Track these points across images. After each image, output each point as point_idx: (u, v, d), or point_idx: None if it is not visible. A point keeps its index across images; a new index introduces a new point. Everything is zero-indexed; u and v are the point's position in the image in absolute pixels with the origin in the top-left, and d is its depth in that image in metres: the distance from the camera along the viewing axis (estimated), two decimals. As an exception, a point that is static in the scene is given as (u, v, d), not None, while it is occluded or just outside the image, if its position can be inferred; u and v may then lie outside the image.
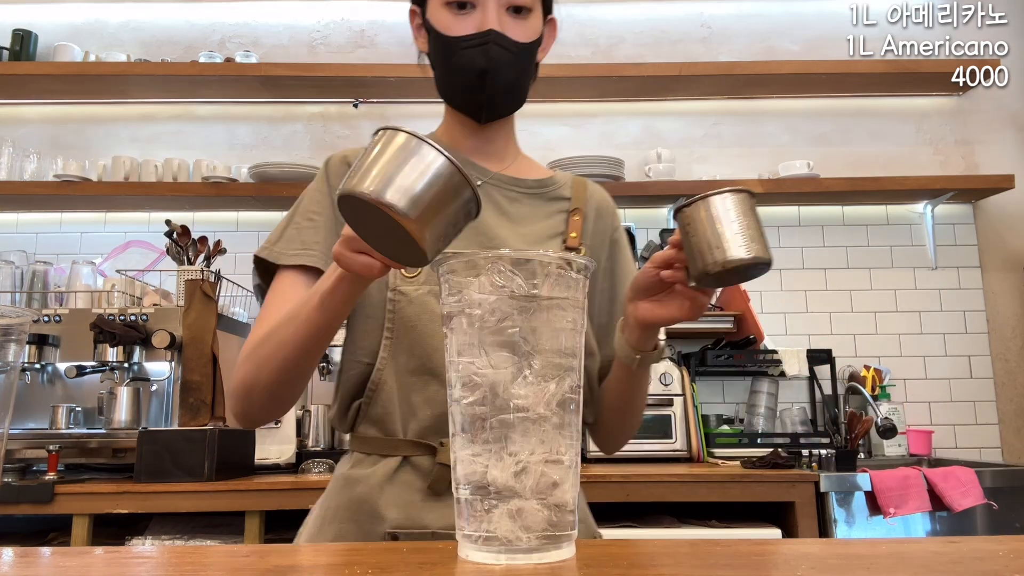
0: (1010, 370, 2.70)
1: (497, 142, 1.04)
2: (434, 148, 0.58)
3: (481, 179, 1.00)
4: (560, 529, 0.54)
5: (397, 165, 0.58)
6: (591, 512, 1.01)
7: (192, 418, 2.01)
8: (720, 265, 0.69)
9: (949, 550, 0.55)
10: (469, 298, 0.55)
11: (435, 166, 0.58)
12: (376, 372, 0.91)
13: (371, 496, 0.88)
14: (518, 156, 1.08)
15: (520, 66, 0.96)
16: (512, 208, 1.01)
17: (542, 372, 0.54)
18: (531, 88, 1.02)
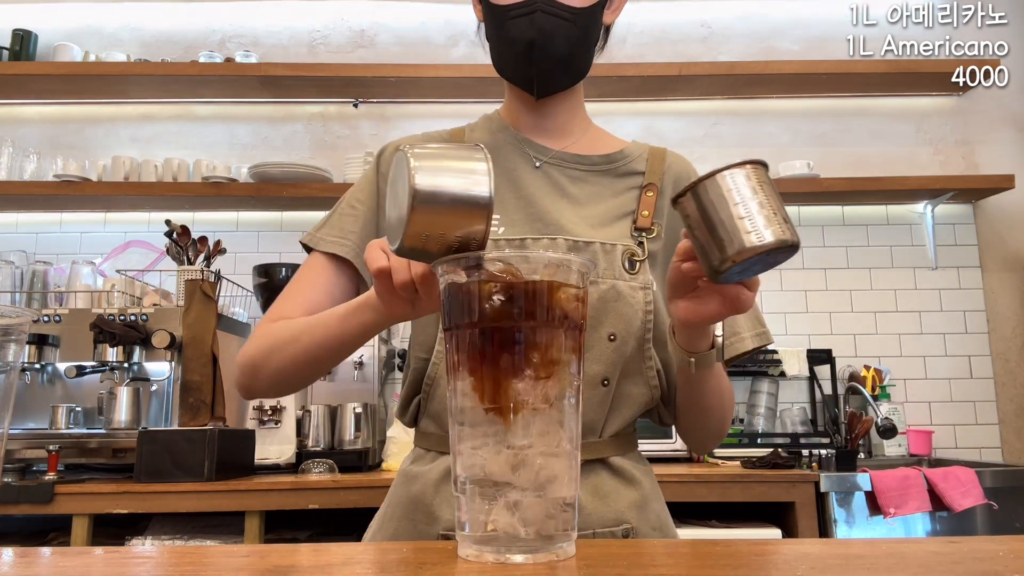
0: (1010, 370, 2.70)
1: (558, 117, 0.96)
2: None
3: (540, 159, 0.94)
4: (560, 525, 0.53)
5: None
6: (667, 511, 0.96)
7: (192, 418, 2.01)
8: (730, 261, 0.59)
9: (949, 550, 0.55)
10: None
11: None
12: (432, 367, 0.88)
13: (427, 495, 0.86)
14: (587, 131, 0.99)
15: (576, 34, 0.87)
16: (575, 188, 0.94)
17: (541, 365, 0.54)
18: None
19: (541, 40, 0.85)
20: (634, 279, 0.88)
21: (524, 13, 0.85)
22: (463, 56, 2.83)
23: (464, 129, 1.00)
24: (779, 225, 0.59)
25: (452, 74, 2.61)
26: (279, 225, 2.79)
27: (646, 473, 0.92)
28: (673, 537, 0.94)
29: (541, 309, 0.54)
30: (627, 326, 0.87)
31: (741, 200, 0.60)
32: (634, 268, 0.89)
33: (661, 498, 0.94)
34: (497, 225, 0.90)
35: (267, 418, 2.14)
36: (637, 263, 0.89)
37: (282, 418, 2.15)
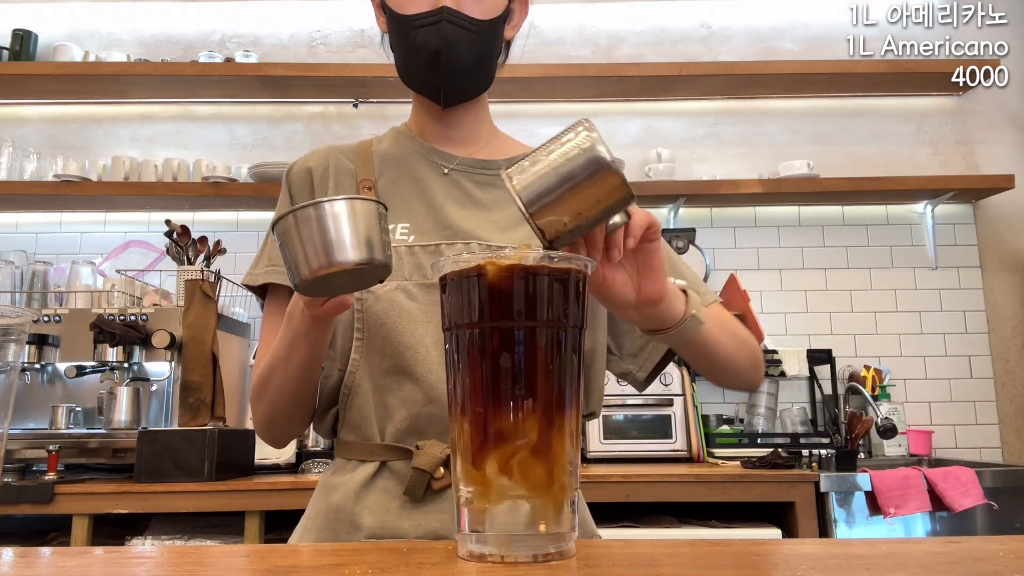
0: (1010, 370, 2.70)
1: (464, 127, 0.98)
2: (316, 202, 0.64)
3: (447, 167, 0.95)
4: (558, 527, 0.54)
5: (320, 233, 0.64)
6: (590, 512, 0.97)
7: (192, 418, 2.01)
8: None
9: (949, 550, 0.55)
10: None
11: (334, 209, 0.64)
12: (349, 375, 0.88)
13: (347, 504, 0.85)
14: (493, 139, 1.00)
15: (480, 45, 0.89)
16: (482, 193, 0.95)
17: (542, 364, 0.54)
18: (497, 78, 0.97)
19: (447, 49, 0.87)
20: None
21: (430, 23, 0.87)
22: (463, 56, 2.83)
23: (372, 141, 1.01)
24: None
25: (452, 74, 2.60)
26: (279, 225, 2.79)
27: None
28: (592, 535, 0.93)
29: (542, 306, 0.54)
30: None
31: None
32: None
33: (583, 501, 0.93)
34: (408, 233, 0.91)
35: (267, 418, 2.14)
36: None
37: (282, 418, 2.15)
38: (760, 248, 2.78)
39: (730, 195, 2.64)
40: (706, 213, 2.80)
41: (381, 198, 0.92)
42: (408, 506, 0.83)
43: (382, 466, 0.86)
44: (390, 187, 0.95)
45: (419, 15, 0.87)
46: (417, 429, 0.85)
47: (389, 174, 0.96)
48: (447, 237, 0.90)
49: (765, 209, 2.80)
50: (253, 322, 2.63)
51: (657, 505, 2.05)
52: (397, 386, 0.86)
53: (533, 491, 0.53)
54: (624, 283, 0.69)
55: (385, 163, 0.97)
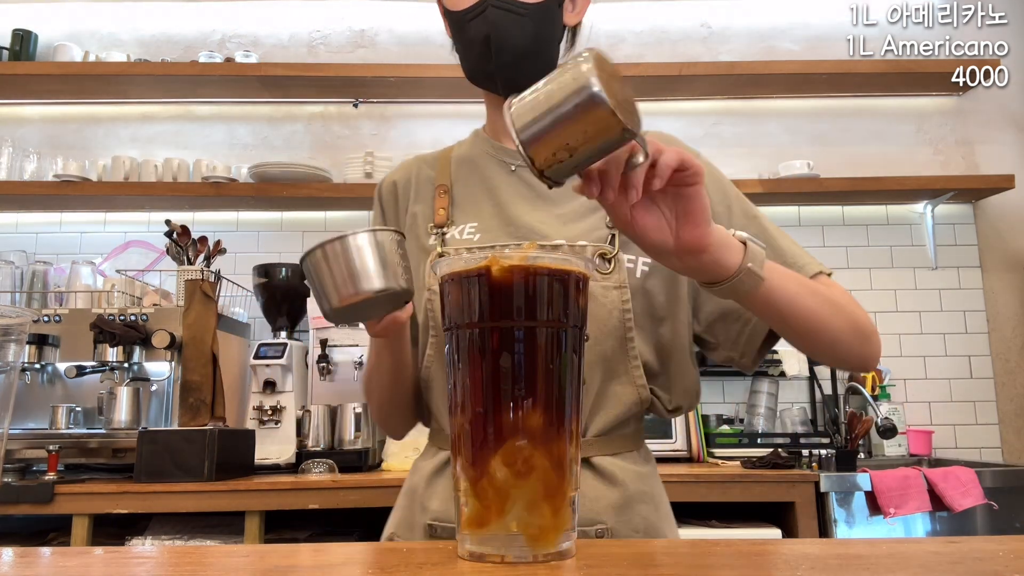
0: (1010, 370, 2.70)
1: None
2: (340, 237, 0.72)
3: (515, 163, 0.97)
4: (560, 527, 0.53)
5: (345, 265, 0.71)
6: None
7: (192, 418, 2.01)
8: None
9: (949, 550, 0.55)
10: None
11: (357, 241, 0.72)
12: (424, 370, 0.94)
13: (420, 486, 0.91)
14: None
15: (531, 28, 0.89)
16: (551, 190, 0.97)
17: (542, 365, 0.54)
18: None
19: (496, 34, 0.88)
20: (607, 278, 0.87)
21: (478, 13, 0.88)
22: (463, 56, 2.83)
23: (454, 146, 1.05)
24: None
25: (452, 74, 2.59)
26: (279, 225, 2.79)
27: (637, 475, 0.89)
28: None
29: (542, 306, 0.54)
30: (601, 326, 0.86)
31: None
32: (608, 267, 0.88)
33: (655, 500, 0.91)
34: (474, 232, 0.93)
35: (267, 418, 2.14)
36: (610, 260, 0.88)
37: (282, 418, 2.15)
38: (760, 248, 2.77)
39: (730, 195, 2.63)
40: (706, 213, 2.79)
41: (455, 201, 0.98)
42: None
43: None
44: (463, 190, 0.99)
45: (469, 8, 0.89)
46: None
47: (463, 177, 0.99)
48: (511, 234, 0.91)
49: (765, 209, 2.77)
50: (253, 322, 2.63)
51: (657, 505, 2.04)
52: None
53: (533, 491, 0.53)
54: (658, 227, 0.65)
55: (460, 166, 1.01)
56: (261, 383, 2.18)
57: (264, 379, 2.18)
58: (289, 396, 2.18)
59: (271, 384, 2.18)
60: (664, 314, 0.90)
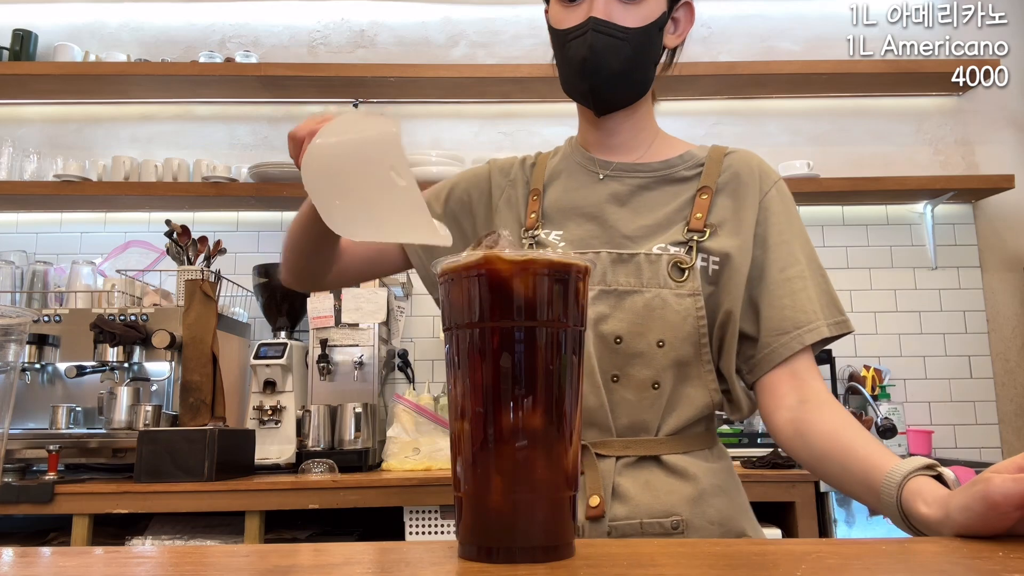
0: (1010, 370, 2.70)
1: (621, 134, 1.02)
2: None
3: (602, 173, 1.00)
4: (560, 527, 0.53)
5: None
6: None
7: (192, 418, 2.01)
8: None
9: (949, 550, 0.55)
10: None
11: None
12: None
13: None
14: (654, 142, 1.04)
15: (628, 52, 0.93)
16: (635, 198, 0.98)
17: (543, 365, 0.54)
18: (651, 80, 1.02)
19: (593, 58, 0.91)
20: (681, 287, 0.91)
21: (579, 34, 0.92)
22: (463, 56, 2.83)
23: (548, 156, 1.08)
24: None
25: (452, 74, 2.61)
26: (279, 225, 2.79)
27: (709, 471, 0.93)
28: (741, 534, 0.96)
29: (542, 306, 0.54)
30: (675, 332, 0.90)
31: None
32: (681, 276, 0.92)
33: (729, 494, 0.95)
34: (559, 240, 0.97)
35: (267, 418, 2.14)
36: (685, 270, 0.92)
37: (282, 418, 2.15)
38: (760, 248, 2.77)
39: (730, 195, 2.63)
40: (706, 213, 2.80)
41: (545, 209, 1.02)
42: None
43: None
44: (553, 197, 1.02)
45: (571, 28, 0.93)
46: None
47: (553, 182, 1.03)
48: (592, 246, 0.95)
49: (765, 209, 2.79)
50: (253, 322, 2.64)
51: (657, 505, 2.04)
52: None
53: (533, 491, 0.53)
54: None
55: (552, 175, 1.04)
56: (261, 383, 2.18)
57: (264, 379, 2.18)
58: (289, 396, 2.18)
59: (271, 384, 2.18)
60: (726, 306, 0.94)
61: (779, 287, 0.94)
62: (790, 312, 0.92)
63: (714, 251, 0.94)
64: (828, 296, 0.96)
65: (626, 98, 0.99)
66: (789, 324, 0.92)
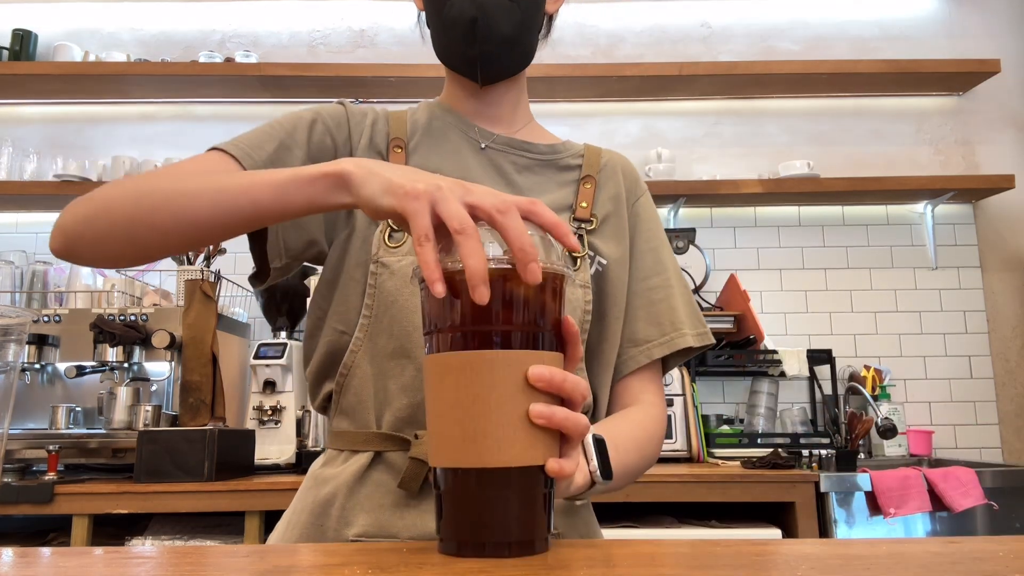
0: (1010, 370, 2.70)
1: (503, 106, 0.93)
2: None
3: (484, 142, 0.90)
4: (533, 524, 0.54)
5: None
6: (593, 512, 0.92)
7: (192, 418, 2.01)
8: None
9: (949, 550, 0.55)
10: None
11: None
12: (350, 355, 0.81)
13: (338, 498, 0.79)
14: (529, 122, 0.96)
15: (518, 16, 0.84)
16: (520, 177, 0.90)
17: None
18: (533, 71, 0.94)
19: (484, 18, 0.82)
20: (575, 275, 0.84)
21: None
22: (463, 56, 2.83)
23: (407, 112, 0.95)
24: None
25: (452, 74, 2.61)
26: (279, 225, 2.79)
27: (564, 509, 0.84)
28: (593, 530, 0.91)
29: (518, 310, 0.53)
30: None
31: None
32: (574, 265, 0.85)
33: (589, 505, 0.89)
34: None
35: (267, 418, 2.14)
36: (577, 259, 0.85)
37: (282, 418, 2.15)
38: (760, 248, 2.78)
39: (730, 195, 2.64)
40: (706, 213, 2.80)
41: (412, 163, 0.87)
42: (403, 503, 0.77)
43: (377, 457, 0.80)
44: (423, 154, 0.89)
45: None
46: (417, 418, 0.78)
47: (421, 140, 0.90)
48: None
49: (765, 209, 2.80)
50: (253, 322, 2.63)
51: (657, 505, 2.05)
52: (399, 370, 0.79)
53: (507, 488, 0.53)
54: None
55: (417, 131, 0.91)
56: (261, 383, 2.18)
57: (264, 379, 2.18)
58: (289, 396, 2.18)
59: (271, 384, 2.18)
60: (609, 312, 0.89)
61: (637, 297, 0.90)
62: (642, 324, 0.89)
63: (601, 251, 0.89)
64: (692, 307, 0.92)
65: (515, 67, 0.89)
66: (641, 336, 0.88)
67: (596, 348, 0.89)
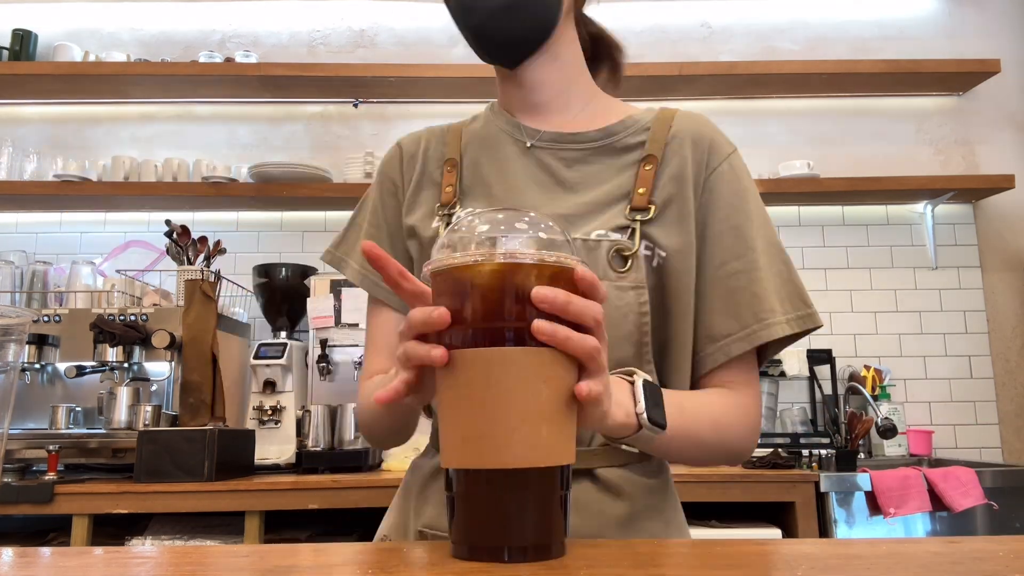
0: (1010, 370, 2.70)
1: (544, 90, 0.85)
2: None
3: (530, 141, 0.85)
4: (550, 528, 0.53)
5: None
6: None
7: (192, 418, 2.01)
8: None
9: (949, 550, 0.55)
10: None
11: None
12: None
13: (415, 488, 0.84)
14: (590, 103, 0.87)
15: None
16: (570, 172, 0.83)
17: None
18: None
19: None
20: (623, 278, 0.77)
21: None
22: (463, 56, 2.83)
23: (463, 124, 0.93)
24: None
25: (452, 74, 2.61)
26: (279, 225, 2.79)
27: (646, 488, 0.81)
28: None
29: (531, 306, 0.52)
30: (615, 330, 0.75)
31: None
32: (624, 265, 0.78)
33: (665, 516, 0.82)
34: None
35: (267, 418, 2.14)
36: (627, 258, 0.78)
37: (282, 418, 2.15)
38: (760, 248, 2.77)
39: (730, 195, 2.63)
40: (706, 213, 2.80)
41: (463, 180, 0.86)
42: None
43: None
44: (473, 168, 0.86)
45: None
46: None
47: (472, 154, 0.87)
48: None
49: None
50: (253, 322, 2.64)
51: (657, 505, 2.04)
52: None
53: (524, 490, 0.52)
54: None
55: (470, 142, 0.88)
56: (261, 383, 2.18)
57: (264, 379, 2.18)
58: (289, 396, 2.18)
59: (271, 384, 2.18)
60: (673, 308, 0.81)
61: (713, 287, 0.80)
62: (720, 318, 0.79)
63: (660, 242, 0.79)
64: (788, 287, 0.80)
65: (523, 36, 0.80)
66: (718, 331, 0.79)
67: (664, 350, 0.82)
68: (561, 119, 0.86)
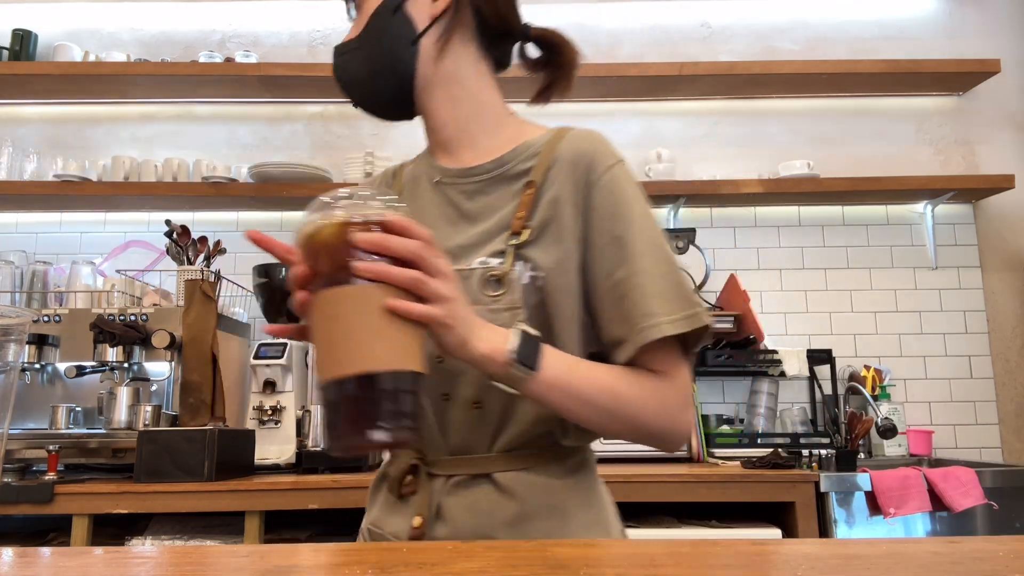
0: (1010, 370, 2.70)
1: (444, 129, 0.92)
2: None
3: (438, 177, 0.92)
4: (400, 418, 0.61)
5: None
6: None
7: (192, 418, 2.01)
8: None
9: (949, 550, 0.55)
10: None
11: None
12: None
13: (370, 492, 0.97)
14: (499, 131, 0.91)
15: (364, 55, 0.88)
16: (471, 204, 0.88)
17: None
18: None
19: (342, 82, 0.91)
20: (496, 301, 0.80)
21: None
22: (463, 56, 2.83)
23: (407, 163, 1.01)
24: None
25: (452, 74, 2.60)
26: (279, 225, 2.79)
27: (543, 488, 0.83)
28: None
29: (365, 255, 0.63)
30: None
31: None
32: (497, 289, 0.81)
33: (564, 515, 0.83)
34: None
35: (267, 418, 2.14)
36: (500, 282, 0.81)
37: (282, 418, 2.15)
38: (760, 248, 2.78)
39: (730, 195, 2.64)
40: (706, 213, 2.80)
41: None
42: (394, 505, 0.90)
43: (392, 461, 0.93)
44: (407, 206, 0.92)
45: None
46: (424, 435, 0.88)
47: (407, 192, 0.96)
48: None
49: (765, 209, 2.80)
50: (253, 322, 2.64)
51: (657, 505, 2.05)
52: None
53: (373, 392, 0.61)
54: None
55: (406, 183, 0.98)
56: (261, 383, 2.18)
57: (264, 379, 2.18)
58: (289, 396, 2.18)
59: (271, 384, 2.18)
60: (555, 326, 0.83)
61: (604, 298, 0.82)
62: (614, 326, 0.81)
63: (539, 263, 0.82)
64: (672, 290, 0.80)
65: (390, 97, 0.91)
66: (614, 337, 0.81)
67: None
68: (471, 153, 0.91)
